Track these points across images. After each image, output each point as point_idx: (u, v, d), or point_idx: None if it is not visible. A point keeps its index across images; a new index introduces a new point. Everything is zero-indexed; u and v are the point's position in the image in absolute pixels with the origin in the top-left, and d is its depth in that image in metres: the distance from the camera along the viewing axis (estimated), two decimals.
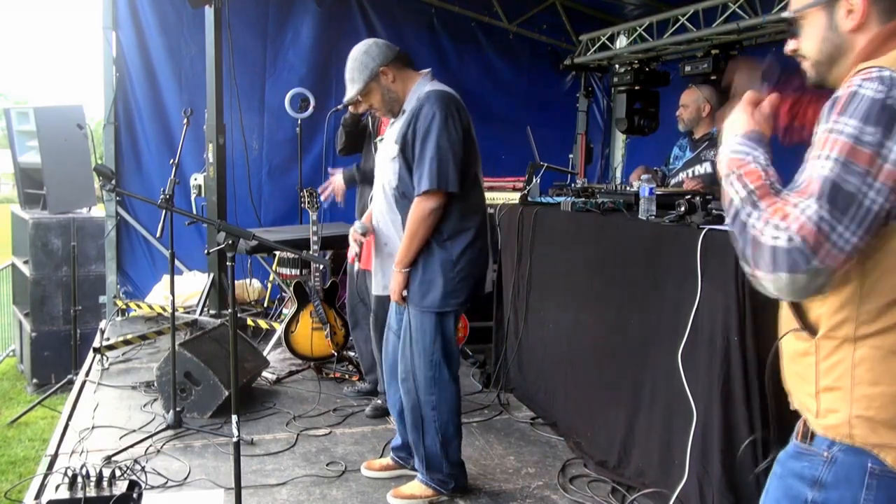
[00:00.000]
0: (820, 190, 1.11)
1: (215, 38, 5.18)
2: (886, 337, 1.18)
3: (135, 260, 6.02)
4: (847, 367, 1.22)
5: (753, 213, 1.18)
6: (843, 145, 1.11)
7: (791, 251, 1.12)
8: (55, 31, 66.88)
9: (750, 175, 1.23)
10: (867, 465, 1.21)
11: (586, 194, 3.73)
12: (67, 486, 2.42)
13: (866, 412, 1.20)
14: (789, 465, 1.32)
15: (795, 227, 1.12)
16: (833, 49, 1.30)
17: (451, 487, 2.91)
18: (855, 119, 1.11)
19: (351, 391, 4.12)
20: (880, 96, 1.11)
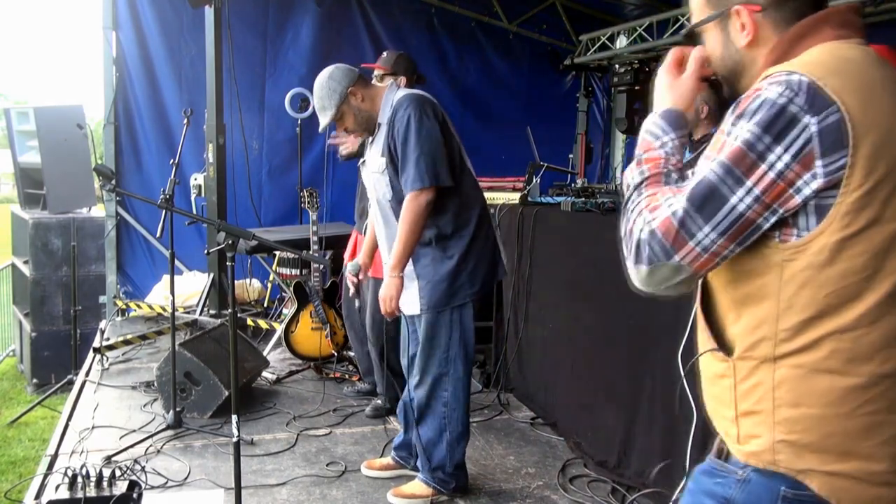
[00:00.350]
0: (694, 190, 1.10)
1: (215, 38, 5.18)
2: (807, 355, 1.10)
3: (135, 260, 6.02)
4: (767, 388, 1.14)
5: (635, 201, 1.17)
6: (734, 150, 1.08)
7: (652, 244, 1.11)
8: (55, 31, 66.92)
9: (649, 161, 1.21)
10: (780, 490, 1.13)
11: (586, 194, 3.74)
12: (67, 486, 2.42)
13: (789, 436, 1.12)
14: (702, 482, 1.26)
15: (658, 223, 1.11)
16: (734, 64, 1.25)
17: (452, 487, 2.91)
18: (752, 124, 1.07)
19: (351, 391, 4.12)
20: (782, 101, 1.06)
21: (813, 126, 1.04)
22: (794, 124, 1.05)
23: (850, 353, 1.08)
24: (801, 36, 1.16)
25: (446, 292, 2.76)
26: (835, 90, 1.05)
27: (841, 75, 1.08)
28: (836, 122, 1.04)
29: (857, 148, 1.04)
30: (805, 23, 1.17)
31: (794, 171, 1.06)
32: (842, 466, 1.10)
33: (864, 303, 1.08)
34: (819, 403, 1.10)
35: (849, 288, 1.08)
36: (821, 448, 1.11)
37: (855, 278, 1.07)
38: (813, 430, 1.11)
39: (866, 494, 1.10)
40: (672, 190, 1.14)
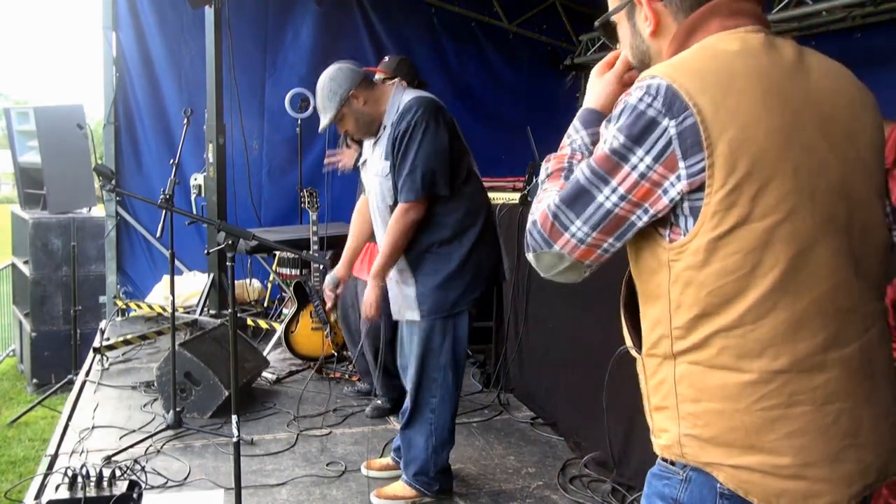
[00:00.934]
0: (567, 189, 1.16)
1: (215, 39, 5.18)
2: (700, 353, 1.12)
3: (135, 260, 6.02)
4: (671, 384, 1.17)
5: (538, 194, 1.25)
6: (600, 154, 1.12)
7: (533, 233, 1.18)
8: (55, 31, 66.91)
9: (556, 158, 1.28)
10: (716, 486, 1.15)
11: None
12: (67, 486, 2.42)
13: (692, 430, 1.15)
14: (654, 484, 1.27)
15: (538, 214, 1.18)
16: (641, 55, 1.26)
17: (435, 490, 2.90)
18: (615, 129, 1.11)
19: (351, 391, 4.12)
20: (642, 106, 1.08)
21: (672, 129, 1.06)
22: (653, 128, 1.07)
23: (739, 349, 1.10)
24: (692, 30, 1.17)
25: (443, 299, 2.74)
26: (689, 93, 1.05)
27: (698, 76, 1.08)
28: (692, 124, 1.05)
29: (712, 148, 1.04)
30: (695, 16, 1.17)
31: (657, 173, 1.08)
32: (746, 460, 1.11)
33: (745, 300, 1.08)
34: (717, 398, 1.12)
35: (727, 287, 1.09)
36: (724, 442, 1.12)
37: (731, 277, 1.08)
38: (714, 425, 1.13)
39: (774, 487, 1.11)
40: (562, 185, 1.21)
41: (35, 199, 6.41)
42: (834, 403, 1.10)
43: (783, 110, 1.08)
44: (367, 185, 2.92)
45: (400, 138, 2.65)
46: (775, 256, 1.07)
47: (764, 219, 1.06)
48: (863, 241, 1.14)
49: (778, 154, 1.06)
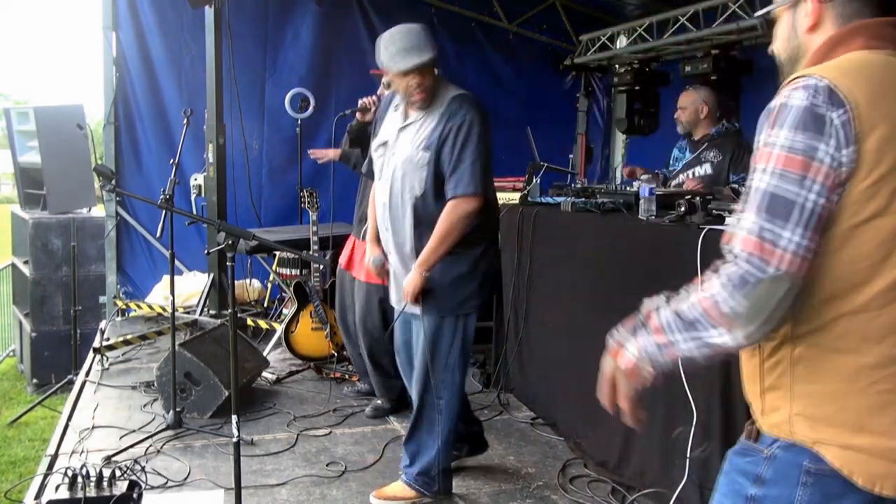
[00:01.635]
0: (758, 203, 1.17)
1: (215, 39, 5.18)
2: (822, 335, 1.20)
3: (135, 260, 6.02)
4: (787, 365, 1.24)
5: (686, 310, 1.25)
6: (778, 157, 1.17)
7: (740, 264, 1.17)
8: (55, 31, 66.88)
9: (652, 318, 1.31)
10: (803, 464, 1.22)
11: (586, 194, 3.73)
12: (67, 486, 2.42)
13: (805, 410, 1.22)
14: (735, 462, 1.35)
15: (739, 246, 1.18)
16: (793, 50, 1.35)
17: (435, 490, 2.89)
18: (785, 129, 1.17)
19: (351, 391, 4.12)
20: (806, 104, 1.16)
21: (836, 120, 1.15)
22: (823, 121, 1.15)
23: (862, 333, 1.18)
24: (839, 42, 1.26)
25: (455, 299, 2.74)
26: (845, 90, 1.15)
27: (852, 76, 1.18)
28: (848, 118, 1.14)
29: (862, 142, 1.14)
30: (840, 31, 1.27)
31: (836, 161, 1.15)
32: (855, 440, 1.18)
33: (872, 288, 1.16)
34: (833, 380, 1.20)
35: (857, 273, 1.17)
36: (835, 422, 1.19)
37: (863, 264, 1.16)
38: (827, 405, 1.20)
39: (879, 469, 1.17)
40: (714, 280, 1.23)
41: (35, 199, 6.40)
42: None
43: None
44: (386, 171, 2.77)
45: (456, 131, 2.60)
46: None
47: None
48: None
49: None
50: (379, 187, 2.83)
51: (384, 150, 2.80)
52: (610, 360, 1.36)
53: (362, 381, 4.12)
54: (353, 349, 4.01)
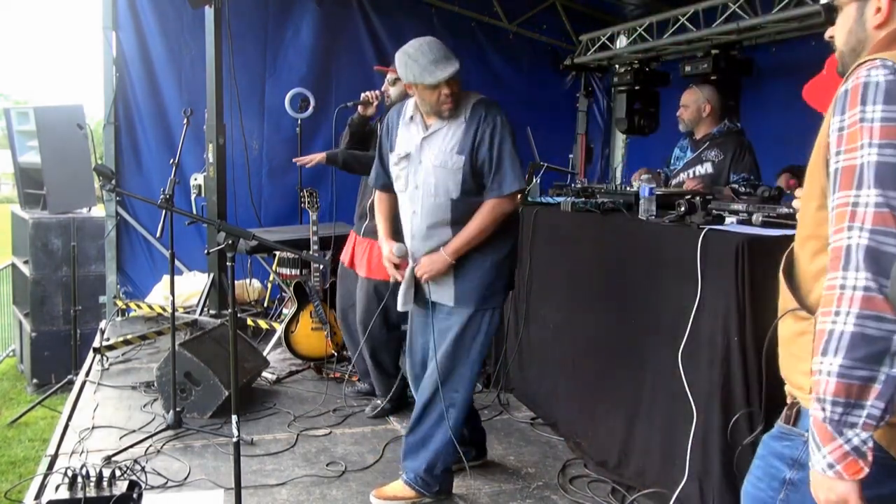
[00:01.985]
0: (874, 177, 1.14)
1: (215, 39, 5.18)
2: None
3: (135, 260, 6.02)
4: None
5: (835, 328, 1.15)
6: (880, 129, 1.16)
7: (871, 246, 1.12)
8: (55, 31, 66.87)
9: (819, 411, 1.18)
10: None
11: (586, 194, 3.73)
12: (67, 486, 2.42)
13: None
14: (771, 445, 1.35)
15: (869, 220, 1.13)
16: (857, 42, 1.35)
17: (436, 491, 2.89)
18: (879, 105, 1.16)
19: (351, 391, 4.11)
20: (891, 78, 1.17)
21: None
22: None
23: None
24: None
25: (488, 293, 2.79)
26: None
27: None
28: None
29: None
30: None
31: None
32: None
33: None
34: None
35: None
36: None
37: None
38: None
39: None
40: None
41: (35, 199, 6.40)
42: None
43: None
44: (413, 181, 2.79)
45: (490, 134, 2.66)
46: None
47: None
48: None
49: None
50: (406, 198, 2.84)
51: (407, 163, 2.80)
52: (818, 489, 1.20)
53: (363, 381, 4.12)
54: (353, 347, 4.01)
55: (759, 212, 2.75)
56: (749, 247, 2.46)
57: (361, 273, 3.76)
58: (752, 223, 2.72)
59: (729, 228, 2.70)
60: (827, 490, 1.16)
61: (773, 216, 2.71)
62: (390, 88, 3.75)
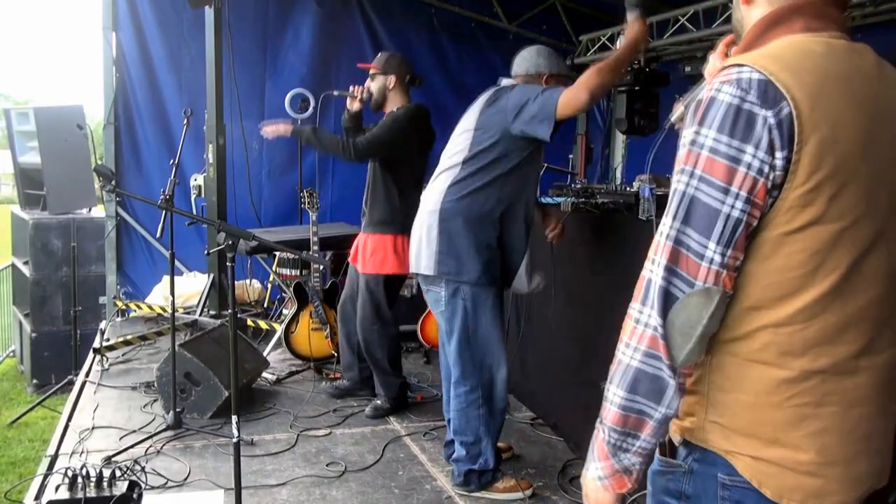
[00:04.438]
0: (677, 208, 1.08)
1: (215, 39, 5.18)
2: (743, 344, 1.12)
3: (135, 260, 6.02)
4: (705, 371, 1.17)
5: (623, 359, 1.16)
6: (702, 159, 1.06)
7: (663, 286, 1.08)
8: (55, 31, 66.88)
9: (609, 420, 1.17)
10: (717, 476, 1.17)
11: (586, 195, 3.73)
12: (67, 486, 2.41)
13: (720, 419, 1.15)
14: (658, 482, 1.29)
15: (660, 253, 1.08)
16: (737, 23, 1.25)
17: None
18: (713, 129, 1.06)
19: (329, 387, 4.10)
20: (736, 101, 1.04)
21: (771, 119, 1.03)
22: (753, 121, 1.04)
23: (784, 346, 1.09)
24: (773, 23, 1.15)
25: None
26: (785, 85, 1.03)
27: (793, 70, 1.05)
28: (788, 115, 1.03)
29: (802, 144, 1.03)
30: (777, 10, 1.15)
31: (768, 166, 1.04)
32: (767, 453, 1.12)
33: (800, 299, 1.08)
34: (750, 391, 1.12)
35: (786, 284, 1.08)
36: (748, 433, 1.13)
37: (793, 274, 1.07)
38: (742, 416, 1.14)
39: (789, 482, 1.12)
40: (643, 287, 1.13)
41: (35, 200, 6.40)
42: (858, 408, 1.12)
43: (865, 116, 1.08)
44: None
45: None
46: (837, 260, 1.07)
47: (836, 221, 1.05)
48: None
49: (858, 159, 1.06)
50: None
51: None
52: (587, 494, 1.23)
53: (344, 377, 4.12)
54: (344, 340, 4.04)
55: None
56: None
57: (359, 268, 3.82)
58: None
59: None
60: (595, 495, 1.20)
61: None
62: (370, 85, 3.79)
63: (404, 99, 3.79)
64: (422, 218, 2.91)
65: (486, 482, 2.96)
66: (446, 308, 2.85)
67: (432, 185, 2.95)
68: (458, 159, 2.83)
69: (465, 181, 2.80)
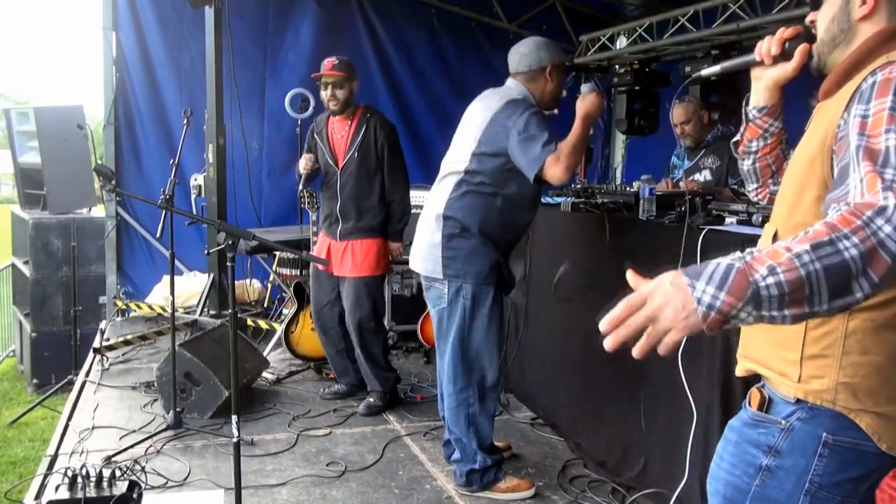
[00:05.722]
0: (888, 160, 1.11)
1: (215, 39, 5.18)
2: (881, 311, 1.24)
3: (135, 260, 6.02)
4: (838, 336, 1.28)
5: (837, 244, 1.04)
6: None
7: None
8: (55, 31, 66.91)
9: (777, 264, 1.06)
10: (822, 435, 1.28)
11: (586, 194, 3.73)
12: (67, 486, 2.42)
13: (852, 379, 1.27)
14: (745, 432, 1.38)
15: (879, 199, 1.05)
16: (839, 31, 1.36)
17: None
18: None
19: (327, 393, 4.10)
20: None
21: None
22: None
23: None
24: (891, 37, 1.29)
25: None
26: None
27: None
28: None
29: None
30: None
31: None
32: (888, 409, 1.26)
33: None
34: (881, 354, 1.26)
35: None
36: (875, 391, 1.26)
37: None
38: (872, 376, 1.26)
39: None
40: (852, 198, 1.11)
41: (35, 200, 6.40)
42: None
43: None
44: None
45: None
46: None
47: None
48: None
49: None
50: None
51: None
52: (662, 292, 1.15)
53: (340, 382, 4.12)
54: (330, 347, 4.03)
55: (759, 212, 2.75)
56: (749, 247, 2.46)
57: (346, 273, 3.80)
58: (751, 223, 2.72)
59: (729, 228, 2.70)
60: (680, 306, 1.11)
61: None
62: (337, 92, 3.91)
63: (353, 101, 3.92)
64: (428, 220, 2.94)
65: (489, 482, 2.96)
66: (447, 306, 2.87)
67: (438, 187, 2.97)
68: (463, 164, 2.86)
69: (470, 185, 2.83)
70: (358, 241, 3.79)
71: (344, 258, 3.81)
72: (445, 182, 2.92)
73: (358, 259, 3.78)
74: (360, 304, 3.78)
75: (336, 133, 3.86)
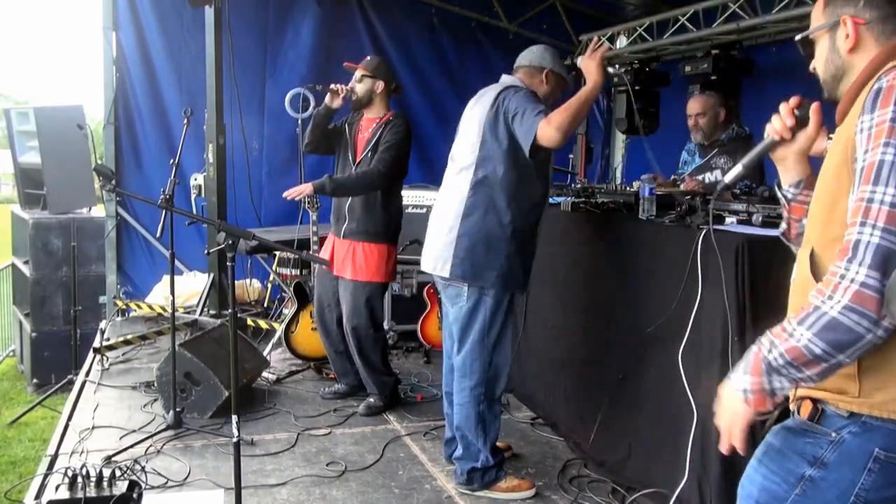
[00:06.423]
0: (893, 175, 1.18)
1: (215, 39, 5.17)
2: None
3: (135, 260, 6.02)
4: (894, 344, 1.25)
5: (825, 308, 1.23)
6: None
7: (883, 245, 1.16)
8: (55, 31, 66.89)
9: (780, 343, 1.28)
10: (873, 451, 1.26)
11: (586, 194, 3.73)
12: (67, 486, 2.41)
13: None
14: (791, 440, 1.37)
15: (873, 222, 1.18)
16: (836, 69, 1.43)
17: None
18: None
19: (328, 392, 4.09)
20: None
21: None
22: None
23: None
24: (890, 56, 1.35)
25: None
26: None
27: None
28: None
29: None
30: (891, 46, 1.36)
31: None
32: None
33: None
34: None
35: None
36: None
37: None
38: None
39: None
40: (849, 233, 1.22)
41: (35, 200, 6.41)
42: None
43: None
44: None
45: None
46: None
47: None
48: None
49: None
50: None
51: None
52: (722, 406, 1.38)
53: (341, 382, 4.12)
54: (331, 348, 4.02)
55: (759, 212, 2.75)
56: (749, 247, 2.46)
57: (346, 275, 3.78)
58: (752, 223, 2.72)
59: (729, 228, 2.70)
60: (730, 403, 1.35)
61: (773, 216, 2.71)
62: (357, 85, 3.80)
63: (386, 105, 3.85)
64: (442, 221, 2.94)
65: (490, 481, 2.96)
66: (467, 304, 2.88)
67: (449, 187, 2.97)
68: (472, 156, 2.87)
69: (482, 178, 2.84)
70: (360, 244, 3.77)
71: (345, 259, 3.80)
72: (456, 181, 2.92)
73: (358, 262, 3.75)
74: (357, 311, 3.75)
75: (362, 131, 3.85)
